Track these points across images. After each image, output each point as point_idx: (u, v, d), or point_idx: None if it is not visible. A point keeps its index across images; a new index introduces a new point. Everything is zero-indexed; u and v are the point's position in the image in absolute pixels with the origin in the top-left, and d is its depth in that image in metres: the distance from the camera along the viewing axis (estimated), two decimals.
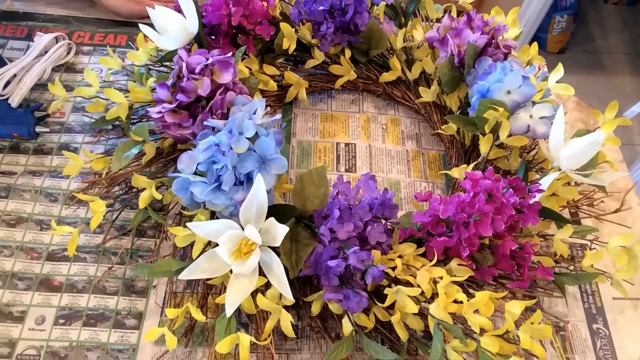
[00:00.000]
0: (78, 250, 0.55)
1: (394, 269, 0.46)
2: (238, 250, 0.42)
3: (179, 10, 0.57)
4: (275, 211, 0.45)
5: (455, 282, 0.45)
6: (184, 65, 0.51)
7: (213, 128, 0.49)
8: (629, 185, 0.67)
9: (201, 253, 0.47)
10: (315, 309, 0.49)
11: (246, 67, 0.63)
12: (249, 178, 0.46)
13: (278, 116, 0.50)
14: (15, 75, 0.64)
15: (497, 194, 0.46)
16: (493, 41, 0.60)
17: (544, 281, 0.53)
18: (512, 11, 0.66)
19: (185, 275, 0.43)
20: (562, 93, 0.59)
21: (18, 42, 0.72)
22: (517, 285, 0.49)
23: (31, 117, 0.63)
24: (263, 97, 0.65)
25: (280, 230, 0.42)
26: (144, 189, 0.52)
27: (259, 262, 0.43)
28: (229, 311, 0.43)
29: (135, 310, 0.53)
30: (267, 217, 0.44)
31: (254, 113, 0.48)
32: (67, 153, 0.54)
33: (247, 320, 0.52)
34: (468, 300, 0.42)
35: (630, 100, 1.36)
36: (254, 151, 0.46)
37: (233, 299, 0.43)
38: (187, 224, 0.43)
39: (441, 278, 0.45)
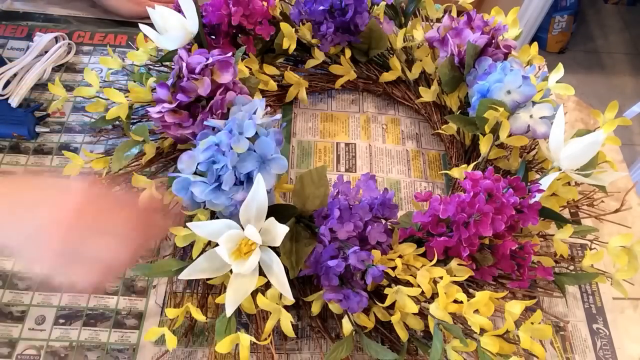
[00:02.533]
0: None
1: (394, 269, 0.46)
2: (238, 250, 0.42)
3: (179, 10, 0.57)
4: (275, 211, 0.45)
5: (455, 282, 0.45)
6: (184, 65, 0.51)
7: (213, 128, 0.49)
8: (629, 185, 0.67)
9: (201, 253, 0.47)
10: (315, 309, 0.49)
11: (246, 67, 0.63)
12: (249, 178, 0.46)
13: (278, 116, 0.50)
14: (15, 75, 0.65)
15: (497, 194, 0.46)
16: (493, 41, 0.60)
17: (544, 281, 0.53)
18: (512, 11, 0.66)
19: (185, 275, 0.43)
20: (562, 93, 0.59)
21: (18, 42, 0.72)
22: (517, 285, 0.49)
23: (31, 117, 0.63)
24: (263, 97, 0.65)
25: (280, 230, 0.42)
26: (144, 189, 0.52)
27: (259, 262, 0.43)
28: (229, 311, 0.43)
29: (135, 310, 0.53)
30: (267, 217, 0.44)
31: (254, 113, 0.48)
32: (67, 153, 0.54)
33: (247, 320, 0.52)
34: (468, 300, 0.42)
35: (630, 100, 1.36)
36: (254, 151, 0.46)
37: (233, 298, 0.43)
38: (187, 224, 0.43)
39: (441, 278, 0.45)
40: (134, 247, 0.40)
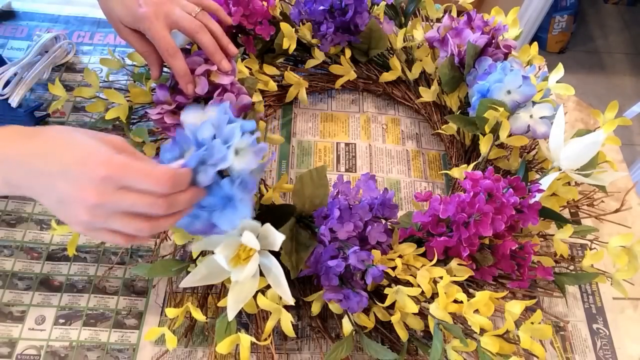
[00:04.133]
0: (78, 250, 0.55)
1: (394, 268, 0.46)
2: (237, 257, 0.42)
3: None
4: (275, 211, 0.45)
5: (455, 282, 0.45)
6: None
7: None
8: (629, 185, 0.67)
9: (201, 253, 0.47)
10: (316, 309, 0.49)
11: (246, 67, 0.63)
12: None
13: (262, 144, 0.39)
14: (15, 75, 0.64)
15: (497, 193, 0.46)
16: (493, 41, 0.60)
17: (544, 281, 0.53)
18: (512, 11, 0.66)
19: (185, 283, 0.43)
20: (562, 93, 0.59)
21: (18, 42, 0.72)
22: (517, 285, 0.49)
23: (31, 117, 0.63)
24: (263, 97, 0.65)
25: (277, 237, 0.41)
26: None
27: (259, 265, 0.42)
28: (231, 315, 0.43)
29: (135, 310, 0.53)
30: (266, 219, 0.43)
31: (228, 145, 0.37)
32: None
33: (247, 320, 0.52)
34: (468, 300, 0.42)
35: (630, 100, 1.36)
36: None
37: (234, 303, 0.43)
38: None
39: (441, 278, 0.45)
40: None
